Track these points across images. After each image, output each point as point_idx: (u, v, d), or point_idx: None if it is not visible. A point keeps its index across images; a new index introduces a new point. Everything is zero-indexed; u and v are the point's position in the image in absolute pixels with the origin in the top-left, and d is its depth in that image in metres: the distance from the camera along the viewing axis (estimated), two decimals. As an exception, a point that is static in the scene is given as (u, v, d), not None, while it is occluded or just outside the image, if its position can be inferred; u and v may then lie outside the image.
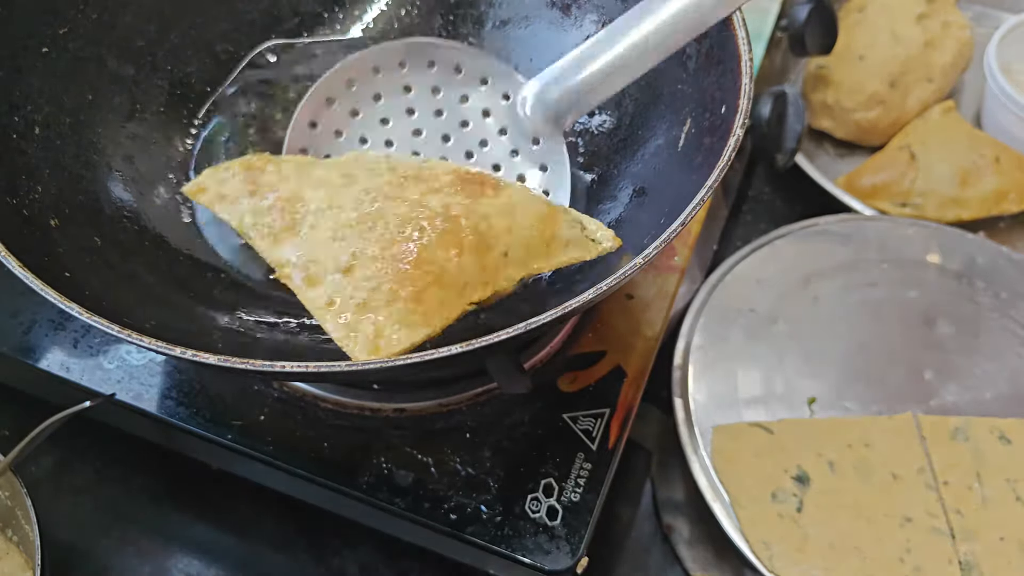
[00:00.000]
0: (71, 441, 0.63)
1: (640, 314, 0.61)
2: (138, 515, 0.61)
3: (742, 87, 0.48)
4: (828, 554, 0.53)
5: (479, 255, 0.43)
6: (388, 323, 0.41)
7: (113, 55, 0.58)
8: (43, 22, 0.54)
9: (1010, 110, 0.79)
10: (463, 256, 0.42)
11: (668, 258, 0.64)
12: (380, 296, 0.41)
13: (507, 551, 0.51)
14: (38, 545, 0.49)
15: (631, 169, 0.57)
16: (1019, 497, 0.55)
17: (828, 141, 0.85)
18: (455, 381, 0.57)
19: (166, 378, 0.57)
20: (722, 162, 0.45)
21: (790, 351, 0.62)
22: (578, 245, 0.48)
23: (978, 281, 0.66)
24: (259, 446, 0.55)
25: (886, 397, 0.60)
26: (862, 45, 0.81)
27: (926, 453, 0.57)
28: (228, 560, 0.60)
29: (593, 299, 0.41)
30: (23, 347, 0.59)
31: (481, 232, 0.44)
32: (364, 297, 0.42)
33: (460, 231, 0.43)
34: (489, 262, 0.44)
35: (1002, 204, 0.75)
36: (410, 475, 0.53)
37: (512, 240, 0.45)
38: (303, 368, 0.39)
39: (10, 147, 0.50)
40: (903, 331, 0.63)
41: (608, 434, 0.55)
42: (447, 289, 0.42)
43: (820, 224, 0.70)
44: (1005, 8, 0.94)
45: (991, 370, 0.61)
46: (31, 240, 0.46)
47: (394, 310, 0.41)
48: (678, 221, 0.43)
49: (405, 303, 0.41)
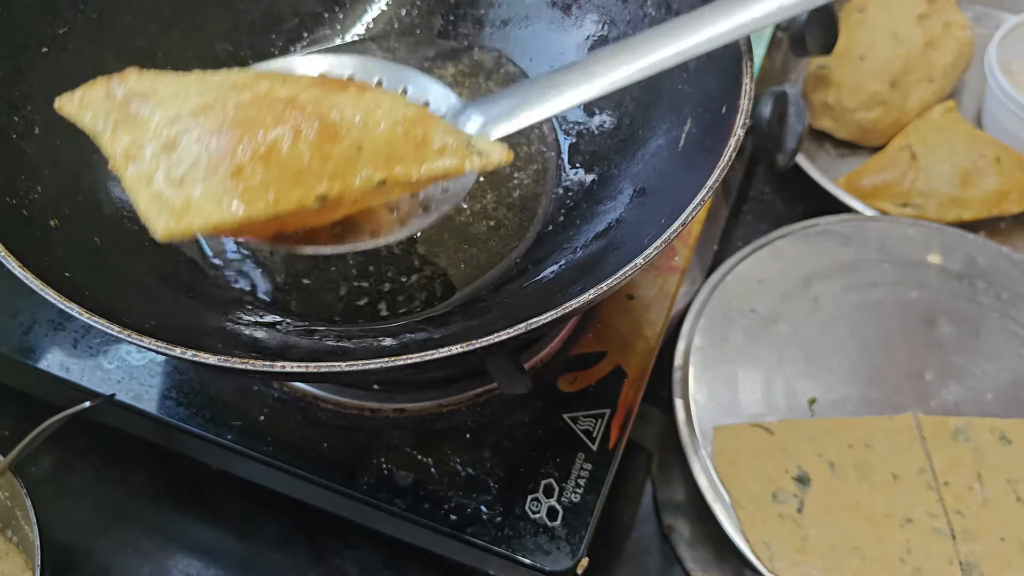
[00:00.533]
0: (71, 441, 0.63)
1: (641, 314, 0.61)
2: (138, 515, 0.61)
3: (743, 87, 0.48)
4: (828, 554, 0.53)
5: (322, 142, 0.40)
6: (201, 198, 0.39)
7: (113, 55, 0.57)
8: (43, 22, 0.54)
9: (1010, 110, 0.79)
10: (300, 141, 0.40)
11: (668, 258, 0.64)
12: (198, 171, 0.39)
13: (507, 552, 0.51)
14: (38, 546, 0.49)
15: (631, 169, 0.57)
16: (1020, 497, 0.55)
17: (829, 141, 0.85)
18: (455, 381, 0.57)
19: (166, 378, 0.57)
20: (723, 162, 0.45)
21: (790, 351, 0.62)
22: (456, 154, 0.43)
23: (979, 281, 0.66)
24: (259, 446, 0.55)
25: (887, 397, 0.60)
26: (863, 45, 0.80)
27: (927, 453, 0.57)
28: (228, 560, 0.60)
29: (593, 299, 0.41)
30: (23, 347, 0.59)
31: (328, 120, 0.41)
32: (182, 172, 0.39)
33: (302, 116, 0.41)
34: (337, 153, 0.41)
35: (1003, 204, 0.75)
36: (410, 475, 0.53)
37: (367, 135, 0.42)
38: (303, 368, 0.39)
39: (10, 147, 0.50)
40: (904, 331, 0.63)
41: (608, 434, 0.55)
42: (277, 171, 0.40)
43: (821, 224, 0.70)
44: (1005, 8, 0.94)
45: (992, 370, 0.61)
46: (31, 240, 0.46)
47: (210, 185, 0.39)
48: (678, 221, 0.43)
49: (223, 179, 0.39)
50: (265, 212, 0.40)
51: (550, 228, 0.58)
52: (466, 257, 0.57)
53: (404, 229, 0.48)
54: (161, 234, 0.39)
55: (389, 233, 0.47)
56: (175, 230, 0.39)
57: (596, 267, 0.51)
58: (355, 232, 0.47)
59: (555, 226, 0.59)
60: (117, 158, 0.41)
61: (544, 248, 0.57)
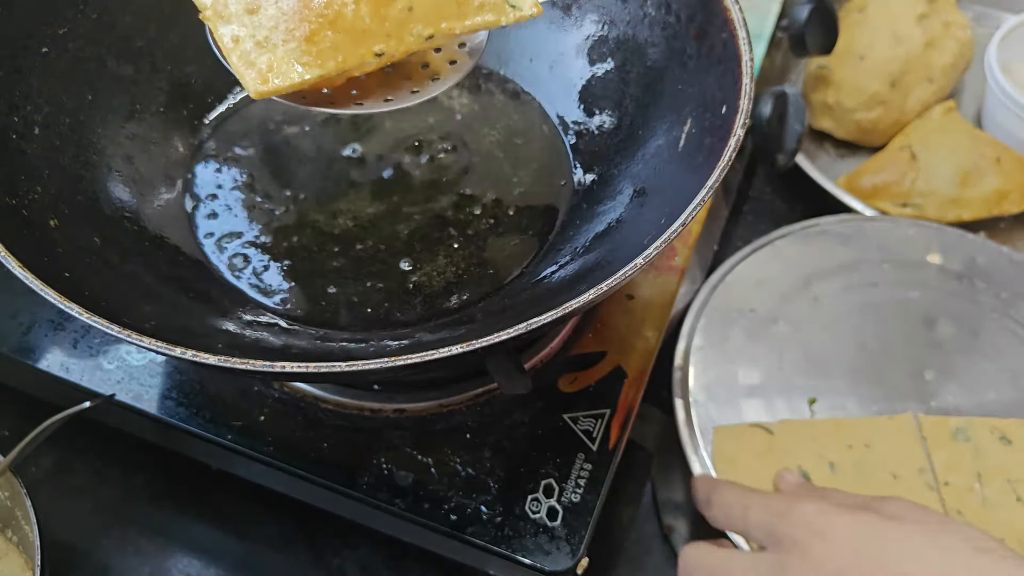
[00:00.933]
0: (71, 441, 0.63)
1: (640, 314, 0.61)
2: (138, 515, 0.61)
3: (743, 87, 0.48)
4: (828, 555, 0.53)
5: (378, 5, 0.46)
6: (282, 60, 0.45)
7: (113, 55, 0.58)
8: (43, 22, 0.54)
9: (1010, 110, 0.79)
10: (360, 4, 0.45)
11: (668, 258, 0.64)
12: (277, 35, 0.45)
13: (507, 552, 0.51)
14: (38, 545, 0.49)
15: (631, 169, 0.57)
16: (1020, 498, 0.55)
17: (829, 141, 0.85)
18: (455, 381, 0.57)
19: (166, 378, 0.57)
20: (723, 162, 0.45)
21: (790, 351, 0.62)
22: (494, 8, 0.49)
23: (979, 281, 0.66)
24: (259, 446, 0.55)
25: (886, 397, 0.60)
26: (863, 45, 0.80)
27: (927, 454, 0.57)
28: (228, 560, 0.60)
29: (593, 299, 0.41)
30: (23, 347, 0.59)
31: None
32: (264, 35, 0.45)
33: None
34: (391, 14, 0.46)
35: (1003, 204, 0.75)
36: (410, 475, 0.53)
37: None
38: (303, 368, 0.39)
39: (10, 147, 0.50)
40: (904, 331, 0.63)
41: (608, 435, 0.55)
42: (343, 34, 0.46)
43: (821, 224, 0.70)
44: (1005, 8, 0.94)
45: (992, 370, 0.61)
46: (31, 240, 0.46)
47: (288, 49, 0.45)
48: (679, 221, 0.43)
49: (299, 43, 0.45)
50: (335, 70, 0.46)
51: (550, 228, 0.59)
52: (466, 257, 0.57)
53: (438, 83, 0.52)
54: (253, 93, 0.45)
55: (424, 90, 0.52)
56: (264, 91, 0.45)
57: (596, 267, 0.51)
58: (397, 91, 0.52)
59: (555, 226, 0.59)
60: (208, 12, 0.47)
61: (544, 248, 0.58)
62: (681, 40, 0.56)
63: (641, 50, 0.59)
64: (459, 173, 0.62)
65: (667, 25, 0.57)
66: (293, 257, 0.57)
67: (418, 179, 0.61)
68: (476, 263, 0.57)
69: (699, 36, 0.54)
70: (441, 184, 0.61)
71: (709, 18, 0.53)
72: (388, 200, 0.60)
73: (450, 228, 0.59)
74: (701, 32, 0.54)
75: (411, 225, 0.59)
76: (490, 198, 0.60)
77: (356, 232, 0.58)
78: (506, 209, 0.60)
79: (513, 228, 0.59)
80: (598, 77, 0.62)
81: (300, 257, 0.57)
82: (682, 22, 0.56)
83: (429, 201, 0.60)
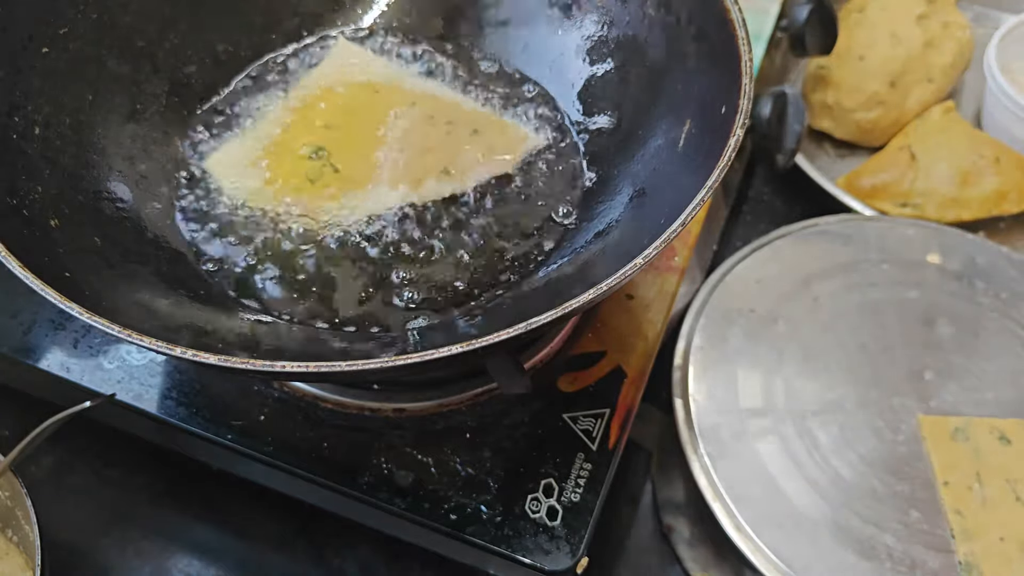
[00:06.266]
0: (71, 441, 0.63)
1: (640, 314, 0.61)
2: (138, 515, 0.61)
3: (742, 87, 0.48)
4: (828, 554, 0.53)
5: None
6: None
7: (113, 55, 0.58)
8: (43, 22, 0.54)
9: (1010, 110, 0.79)
10: None
11: (668, 258, 0.64)
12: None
13: (507, 551, 0.51)
14: (38, 546, 0.49)
15: (631, 169, 0.57)
16: (1019, 497, 0.55)
17: (828, 141, 0.85)
18: (455, 381, 0.57)
19: (166, 378, 0.57)
20: (722, 162, 0.45)
21: (790, 351, 0.62)
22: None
23: (978, 281, 0.66)
24: (259, 446, 0.55)
25: (886, 397, 0.60)
26: (862, 45, 0.81)
27: (926, 453, 0.57)
28: (228, 560, 0.60)
29: (593, 299, 0.41)
30: (23, 347, 0.59)
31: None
32: None
33: None
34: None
35: (1002, 204, 0.75)
36: (410, 475, 0.53)
37: None
38: (303, 368, 0.39)
39: (10, 147, 0.50)
40: (903, 331, 0.63)
41: (608, 434, 0.55)
42: None
43: (820, 224, 0.70)
44: (1005, 8, 0.94)
45: (991, 370, 0.61)
46: (31, 240, 0.46)
47: None
48: (678, 221, 0.43)
49: None
50: None
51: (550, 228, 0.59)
52: (466, 256, 0.57)
53: None
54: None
55: None
56: None
57: (596, 267, 0.51)
58: None
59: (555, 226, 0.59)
60: None
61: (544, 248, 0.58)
62: (681, 40, 0.56)
63: (641, 50, 0.59)
64: (459, 173, 0.62)
65: (667, 25, 0.57)
66: (293, 257, 0.57)
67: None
68: (477, 264, 0.57)
69: (699, 36, 0.54)
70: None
71: (709, 18, 0.53)
72: (388, 200, 0.60)
73: (450, 228, 0.58)
74: (701, 32, 0.54)
75: (411, 225, 0.59)
76: (490, 198, 0.60)
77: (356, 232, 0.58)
78: (506, 208, 0.60)
79: (512, 228, 0.58)
80: (598, 77, 0.62)
81: (300, 257, 0.57)
82: (682, 22, 0.56)
83: (428, 201, 0.60)
